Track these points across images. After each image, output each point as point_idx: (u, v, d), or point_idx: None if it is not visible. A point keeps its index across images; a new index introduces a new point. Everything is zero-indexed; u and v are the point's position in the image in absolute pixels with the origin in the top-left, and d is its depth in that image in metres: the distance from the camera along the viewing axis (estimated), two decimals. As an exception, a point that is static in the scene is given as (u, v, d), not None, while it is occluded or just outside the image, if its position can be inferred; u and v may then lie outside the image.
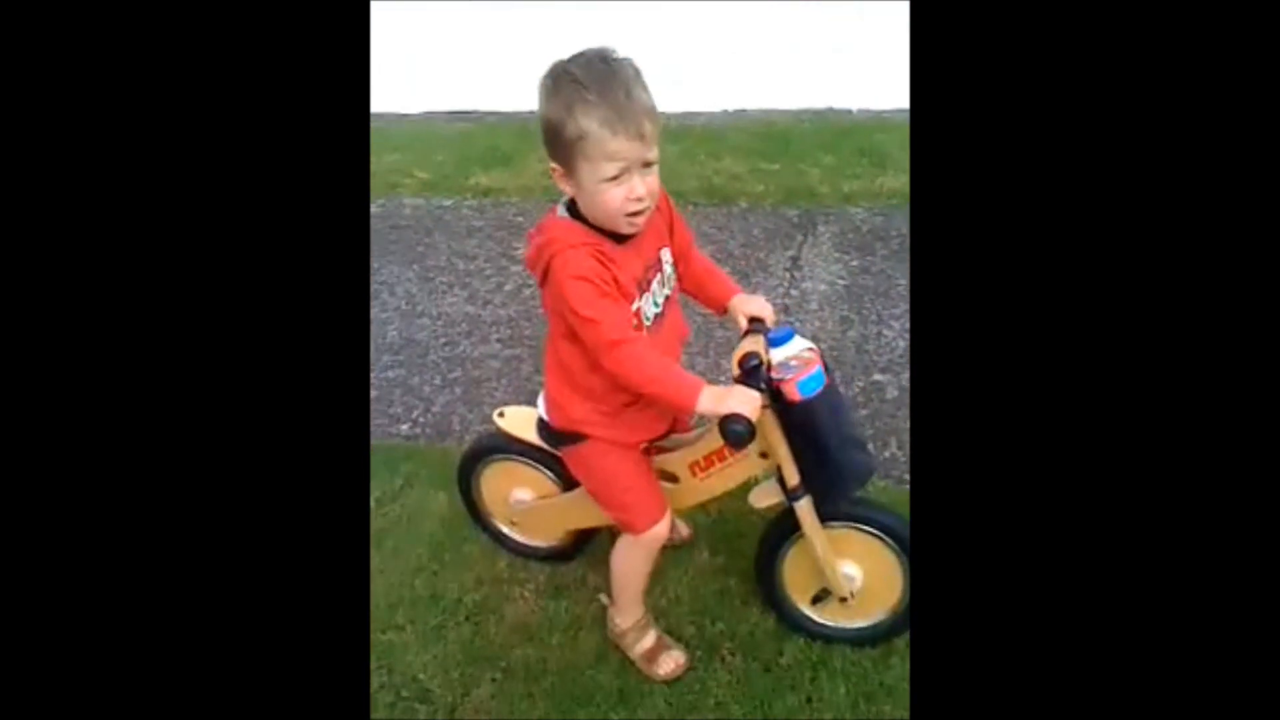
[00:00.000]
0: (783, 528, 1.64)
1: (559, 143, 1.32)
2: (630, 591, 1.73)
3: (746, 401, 1.35)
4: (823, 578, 1.63)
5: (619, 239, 1.40)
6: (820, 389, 1.42)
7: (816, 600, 1.68)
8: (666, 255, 1.51)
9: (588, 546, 1.95)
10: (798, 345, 1.45)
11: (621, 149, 1.29)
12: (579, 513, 1.80)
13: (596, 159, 1.30)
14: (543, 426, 1.65)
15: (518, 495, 1.88)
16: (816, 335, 2.71)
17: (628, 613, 1.74)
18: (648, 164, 1.32)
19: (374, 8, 1.33)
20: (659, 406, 1.51)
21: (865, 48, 4.69)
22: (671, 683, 1.69)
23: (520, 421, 1.76)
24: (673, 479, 1.64)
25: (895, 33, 4.59)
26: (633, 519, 1.60)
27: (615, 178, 1.31)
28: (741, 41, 5.09)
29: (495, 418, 1.79)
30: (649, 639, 1.74)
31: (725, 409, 1.34)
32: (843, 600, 1.65)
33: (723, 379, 1.49)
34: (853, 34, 4.74)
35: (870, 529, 1.60)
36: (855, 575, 1.64)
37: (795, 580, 1.71)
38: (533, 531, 1.94)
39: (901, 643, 1.72)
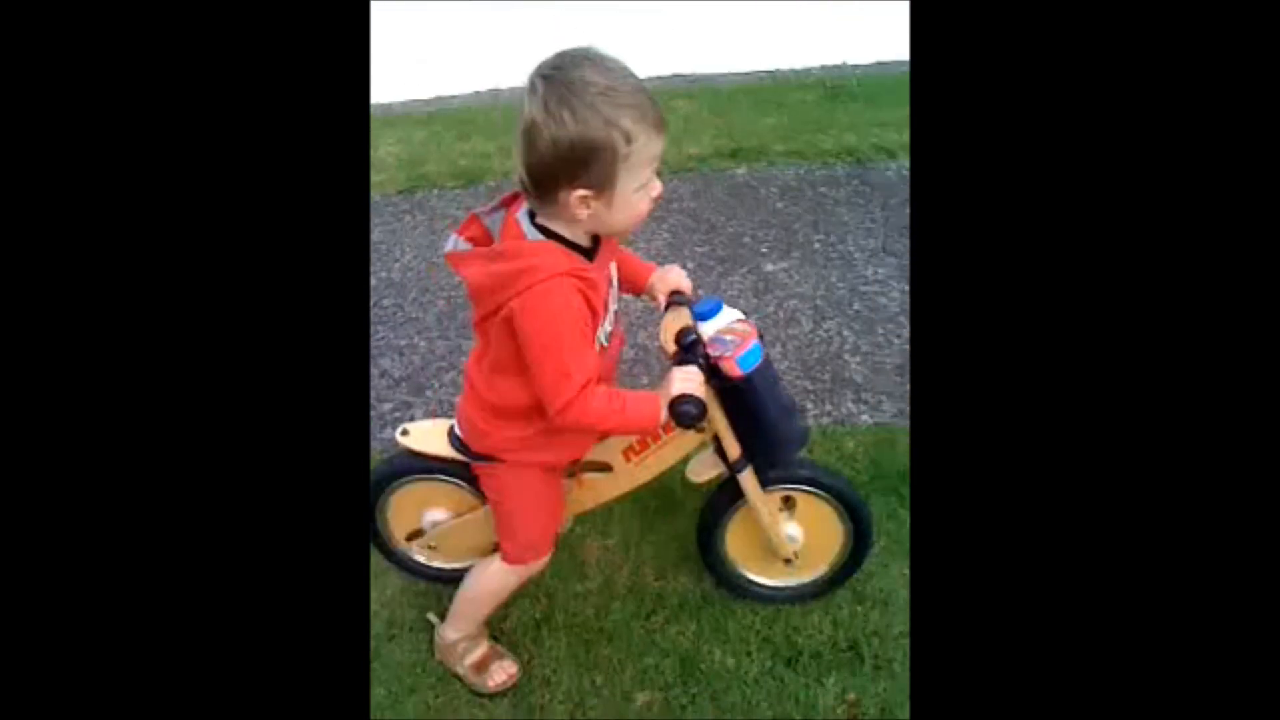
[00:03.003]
0: (723, 499, 1.64)
1: (599, 161, 1.13)
2: (479, 612, 1.66)
3: (690, 380, 1.33)
4: (766, 542, 1.65)
5: (590, 254, 1.28)
6: (759, 362, 1.39)
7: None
8: (613, 266, 1.39)
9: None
10: (728, 317, 1.41)
11: (660, 148, 1.18)
12: None
13: (640, 165, 1.16)
14: (457, 440, 1.52)
15: (431, 516, 1.72)
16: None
17: (462, 627, 1.67)
18: None
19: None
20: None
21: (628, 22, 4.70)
22: (503, 694, 1.66)
23: (429, 437, 1.60)
24: (605, 468, 1.58)
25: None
26: (522, 552, 1.54)
27: (646, 182, 1.19)
28: (492, 22, 5.00)
29: (400, 437, 1.61)
30: (480, 649, 1.68)
31: (672, 391, 1.30)
32: (787, 562, 1.68)
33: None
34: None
35: (802, 487, 1.63)
36: (797, 535, 1.67)
37: (738, 548, 1.72)
38: (453, 552, 1.79)
39: (623, 587, 1.83)
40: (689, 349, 1.37)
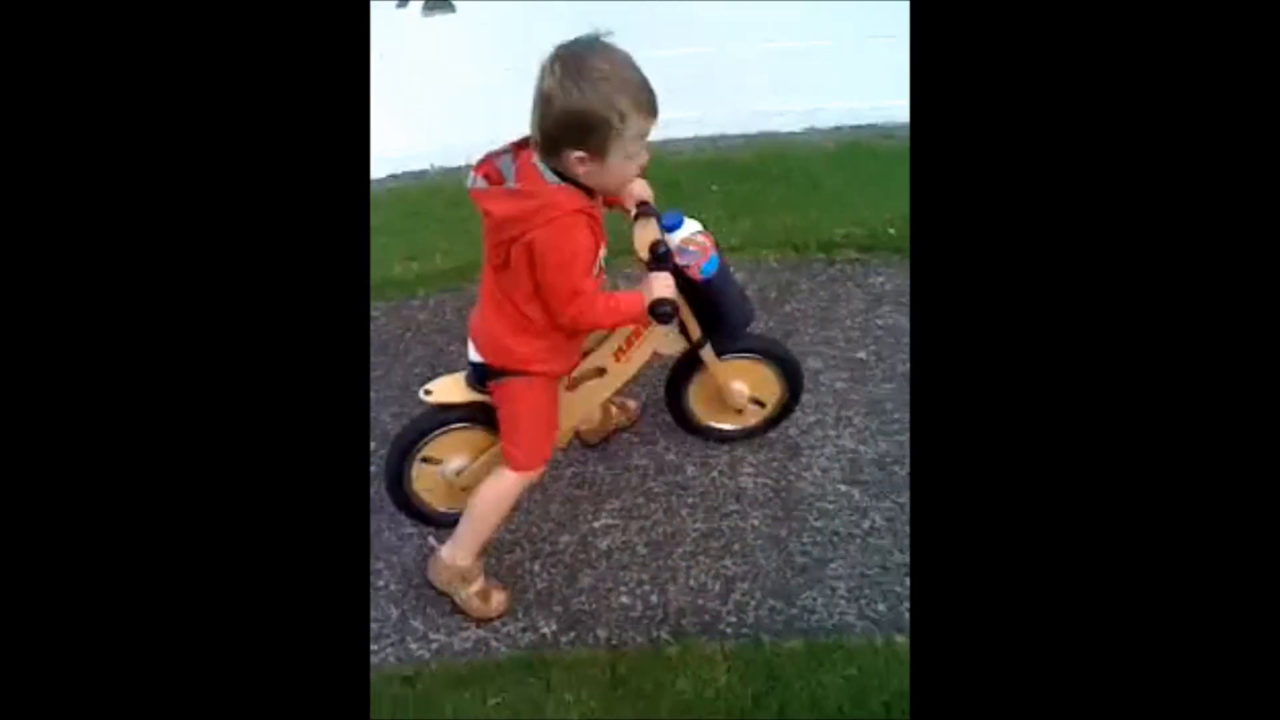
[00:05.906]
0: (683, 369, 2.13)
1: (595, 131, 1.38)
2: (486, 529, 1.85)
3: (665, 286, 1.67)
4: (718, 398, 2.17)
5: (591, 194, 1.53)
6: (717, 268, 1.78)
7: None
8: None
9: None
10: (690, 228, 1.79)
11: (650, 127, 1.44)
12: None
13: (629, 140, 1.42)
14: (476, 372, 1.80)
15: (451, 466, 1.98)
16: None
17: (470, 547, 1.84)
18: None
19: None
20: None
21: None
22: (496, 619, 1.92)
23: (450, 388, 1.87)
24: (601, 371, 1.96)
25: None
26: (530, 457, 1.80)
27: (634, 154, 1.46)
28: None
29: (424, 397, 1.86)
30: (481, 579, 1.91)
31: (653, 294, 1.64)
32: (739, 412, 2.21)
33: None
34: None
35: (745, 355, 2.11)
36: (744, 389, 2.17)
37: (699, 403, 2.25)
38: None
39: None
40: (662, 259, 1.72)
